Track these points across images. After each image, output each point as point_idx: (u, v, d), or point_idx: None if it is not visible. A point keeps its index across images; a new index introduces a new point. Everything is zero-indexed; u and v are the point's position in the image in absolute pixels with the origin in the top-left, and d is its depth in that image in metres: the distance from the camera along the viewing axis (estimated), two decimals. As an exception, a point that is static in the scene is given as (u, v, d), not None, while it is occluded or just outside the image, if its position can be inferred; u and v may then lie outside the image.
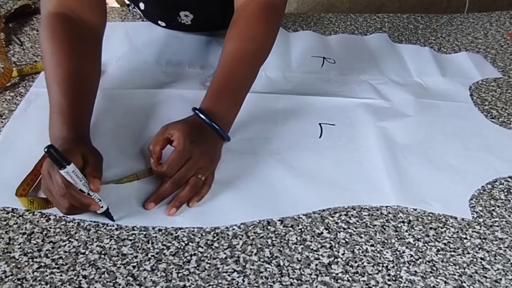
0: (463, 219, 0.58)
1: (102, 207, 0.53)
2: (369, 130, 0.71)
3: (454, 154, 0.68)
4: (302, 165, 0.64)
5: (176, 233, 0.54)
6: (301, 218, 0.57)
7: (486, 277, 0.51)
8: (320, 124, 0.72)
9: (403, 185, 0.62)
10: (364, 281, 0.50)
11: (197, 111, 0.61)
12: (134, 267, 0.50)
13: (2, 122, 0.68)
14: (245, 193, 0.59)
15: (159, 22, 0.93)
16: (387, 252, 0.53)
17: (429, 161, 0.66)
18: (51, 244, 0.52)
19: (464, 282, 0.51)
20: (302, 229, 0.56)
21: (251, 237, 0.54)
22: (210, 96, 0.64)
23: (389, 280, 0.50)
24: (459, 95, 0.81)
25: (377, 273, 0.51)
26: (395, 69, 0.87)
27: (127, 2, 1.02)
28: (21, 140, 0.65)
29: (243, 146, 0.67)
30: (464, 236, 0.56)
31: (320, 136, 0.70)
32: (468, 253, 0.54)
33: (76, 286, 0.48)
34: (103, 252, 0.51)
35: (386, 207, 0.59)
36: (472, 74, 0.87)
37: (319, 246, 0.54)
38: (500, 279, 0.51)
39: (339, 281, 0.50)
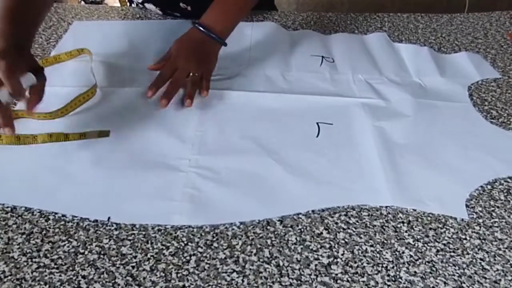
0: (462, 219, 0.58)
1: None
2: (366, 130, 0.70)
3: (452, 154, 0.67)
4: (299, 164, 0.64)
5: (176, 233, 0.54)
6: (300, 218, 0.57)
7: (485, 277, 0.51)
8: (317, 123, 0.72)
9: (400, 185, 0.62)
10: (363, 281, 0.50)
11: (196, 25, 0.78)
12: (133, 267, 0.50)
13: (1, 121, 0.69)
14: (243, 192, 0.59)
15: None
16: (386, 252, 0.53)
17: (427, 161, 0.66)
18: (50, 244, 0.52)
19: (464, 283, 0.50)
20: (302, 229, 0.56)
21: (250, 237, 0.54)
22: (210, 12, 0.80)
23: (388, 280, 0.50)
24: (458, 95, 0.81)
25: (376, 274, 0.51)
26: (394, 69, 0.87)
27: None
28: None
29: (241, 145, 0.67)
30: (463, 236, 0.56)
31: (317, 135, 0.70)
32: (468, 253, 0.54)
33: (75, 286, 0.48)
34: (102, 252, 0.51)
35: (386, 207, 0.59)
36: (471, 74, 0.87)
37: (319, 246, 0.54)
38: (500, 279, 0.51)
39: (338, 281, 0.50)
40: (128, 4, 1.11)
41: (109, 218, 0.55)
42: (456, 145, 0.69)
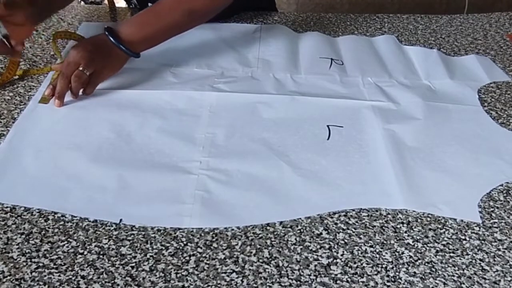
0: (462, 220, 0.58)
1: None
2: (377, 133, 0.70)
3: (463, 157, 0.67)
4: (310, 167, 0.64)
5: (175, 233, 0.54)
6: (300, 218, 0.57)
7: (485, 278, 0.51)
8: (328, 126, 0.71)
9: (412, 188, 0.61)
10: (363, 282, 0.50)
11: (107, 33, 0.74)
12: (132, 267, 0.50)
13: (0, 122, 0.69)
14: (254, 195, 0.59)
15: (149, 4, 0.94)
16: (386, 253, 0.53)
17: (438, 164, 0.65)
18: (49, 244, 0.52)
19: (463, 284, 0.50)
20: (301, 230, 0.56)
21: (250, 238, 0.54)
22: (127, 22, 0.78)
23: (388, 281, 0.50)
24: (468, 98, 0.80)
25: (376, 274, 0.51)
26: (403, 71, 0.86)
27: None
28: (29, 138, 0.66)
29: (251, 147, 0.66)
30: (463, 237, 0.56)
31: (328, 138, 0.69)
32: (467, 254, 0.54)
33: (75, 286, 0.48)
34: (101, 253, 0.51)
35: (385, 208, 0.59)
36: (480, 77, 0.86)
37: (318, 247, 0.54)
38: (499, 280, 0.51)
39: (338, 282, 0.50)
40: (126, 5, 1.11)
41: (121, 220, 0.55)
42: (466, 148, 0.69)
